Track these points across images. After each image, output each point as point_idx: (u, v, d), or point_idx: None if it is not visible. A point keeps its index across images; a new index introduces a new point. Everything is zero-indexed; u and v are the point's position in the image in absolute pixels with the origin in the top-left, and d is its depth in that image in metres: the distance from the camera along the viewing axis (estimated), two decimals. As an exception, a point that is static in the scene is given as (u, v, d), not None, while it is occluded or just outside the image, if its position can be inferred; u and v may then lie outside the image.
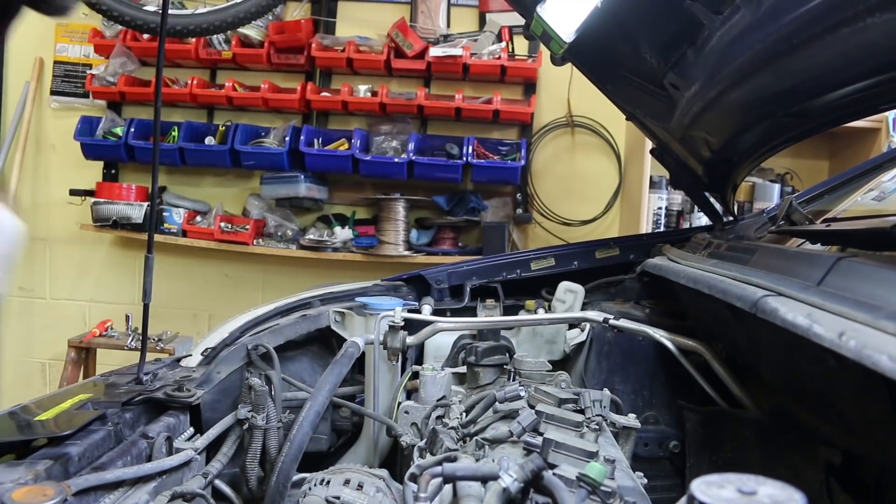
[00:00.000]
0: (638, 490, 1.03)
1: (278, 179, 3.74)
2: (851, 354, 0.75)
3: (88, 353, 3.59)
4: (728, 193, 2.05)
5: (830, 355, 0.85)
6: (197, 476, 1.24)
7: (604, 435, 1.20)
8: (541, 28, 1.58)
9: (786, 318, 0.93)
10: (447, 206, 3.73)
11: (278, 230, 3.81)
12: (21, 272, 4.13)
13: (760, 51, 1.19)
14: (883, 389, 0.87)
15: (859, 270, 0.97)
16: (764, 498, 0.48)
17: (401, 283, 2.11)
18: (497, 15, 3.71)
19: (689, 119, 1.59)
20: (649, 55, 1.54)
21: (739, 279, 1.21)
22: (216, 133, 3.76)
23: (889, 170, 1.74)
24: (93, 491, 0.96)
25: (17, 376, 4.15)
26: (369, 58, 3.67)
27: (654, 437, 1.72)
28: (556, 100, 3.88)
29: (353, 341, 1.64)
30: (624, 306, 1.89)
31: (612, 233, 3.86)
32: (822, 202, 1.83)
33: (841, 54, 1.11)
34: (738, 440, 1.54)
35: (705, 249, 1.71)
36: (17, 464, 0.93)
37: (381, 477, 1.27)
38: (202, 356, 1.59)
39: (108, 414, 1.15)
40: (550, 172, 3.94)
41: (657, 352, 1.70)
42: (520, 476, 0.79)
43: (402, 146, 3.68)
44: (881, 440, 1.04)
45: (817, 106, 1.41)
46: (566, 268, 2.10)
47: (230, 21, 2.70)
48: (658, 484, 1.60)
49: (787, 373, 1.32)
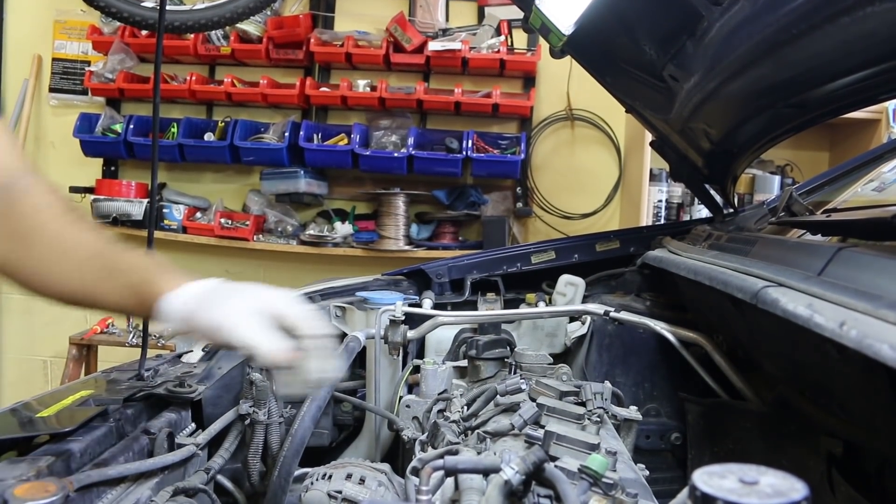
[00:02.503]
0: (640, 482, 1.03)
1: (278, 175, 3.74)
2: (852, 344, 0.75)
3: (90, 350, 3.59)
4: (728, 185, 2.04)
5: (831, 345, 0.85)
6: (199, 471, 1.25)
7: (605, 427, 1.20)
8: (539, 21, 1.58)
9: (786, 309, 0.93)
10: (447, 200, 3.73)
11: (278, 226, 3.80)
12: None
13: (760, 41, 1.18)
14: (884, 379, 0.87)
15: (860, 260, 0.97)
16: (766, 488, 0.48)
17: (401, 278, 2.10)
18: (496, 8, 3.71)
19: (689, 111, 1.58)
20: (648, 47, 1.54)
21: (740, 270, 1.21)
22: (215, 129, 3.75)
23: (889, 160, 1.74)
24: (95, 487, 0.96)
25: (19, 374, 4.16)
26: (368, 52, 3.67)
27: (656, 430, 1.73)
28: (555, 93, 3.87)
29: (354, 336, 1.64)
30: (625, 299, 1.89)
31: (613, 226, 3.86)
32: (823, 193, 1.83)
33: (841, 44, 1.10)
34: (740, 432, 1.54)
35: (706, 241, 1.70)
36: (19, 460, 0.93)
37: (382, 471, 1.27)
38: (203, 352, 1.59)
39: (110, 410, 1.15)
40: (550, 166, 3.94)
41: (658, 344, 1.70)
42: (521, 468, 0.79)
43: (401, 141, 3.67)
44: (883, 430, 1.04)
45: (817, 96, 1.41)
46: (566, 261, 2.09)
47: (228, 17, 2.70)
48: (660, 476, 1.60)
49: (788, 364, 1.32)
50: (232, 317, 0.94)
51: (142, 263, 1.02)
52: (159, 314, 0.96)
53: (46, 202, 1.04)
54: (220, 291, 0.97)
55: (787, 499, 0.47)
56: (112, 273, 1.00)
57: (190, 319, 0.95)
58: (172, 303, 0.96)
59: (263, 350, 0.93)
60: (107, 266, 1.00)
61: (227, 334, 0.93)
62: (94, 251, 1.01)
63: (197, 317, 0.95)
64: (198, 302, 0.95)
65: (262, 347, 0.93)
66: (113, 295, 1.00)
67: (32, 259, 1.00)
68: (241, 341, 0.93)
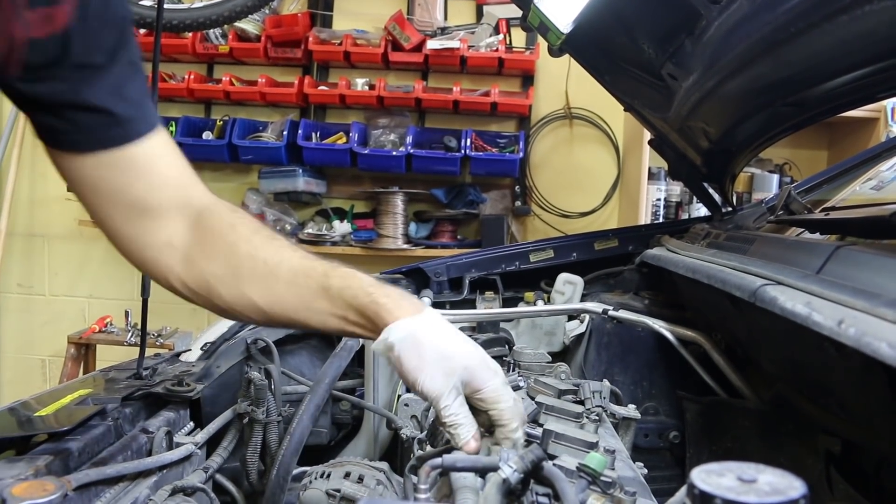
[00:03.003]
0: (638, 480, 1.04)
1: (276, 174, 3.74)
2: (851, 342, 0.75)
3: (88, 349, 3.59)
4: (727, 184, 2.04)
5: (830, 343, 0.85)
6: (197, 470, 1.24)
7: (604, 426, 1.20)
8: (538, 19, 1.58)
9: (785, 307, 0.93)
10: (446, 198, 3.73)
11: (277, 224, 3.80)
12: (20, 269, 4.13)
13: (758, 40, 1.18)
14: (882, 377, 0.87)
15: (858, 259, 0.97)
16: (764, 486, 0.48)
17: (400, 277, 2.10)
18: (494, 7, 3.71)
19: (688, 109, 1.58)
20: (647, 45, 1.54)
21: (738, 269, 1.21)
22: (214, 128, 3.75)
23: (887, 159, 1.74)
24: (93, 486, 0.96)
25: (17, 373, 4.16)
26: (366, 51, 3.66)
27: (654, 428, 1.73)
28: (553, 92, 3.87)
29: (353, 335, 1.64)
30: (623, 297, 1.89)
31: (611, 224, 3.86)
32: (821, 192, 1.83)
33: (839, 43, 1.10)
34: (738, 430, 1.54)
35: (704, 240, 1.71)
36: (17, 459, 0.93)
37: (381, 469, 1.27)
38: (202, 351, 1.59)
39: (108, 409, 1.15)
40: (549, 164, 3.94)
41: (657, 342, 1.70)
42: (520, 467, 0.79)
43: (400, 139, 3.67)
44: (881, 429, 1.04)
45: (815, 95, 1.41)
46: (565, 259, 2.09)
47: (227, 15, 2.70)
48: (658, 474, 1.60)
49: (786, 362, 1.32)
50: (433, 383, 0.90)
51: (356, 283, 0.98)
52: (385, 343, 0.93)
53: (240, 221, 1.03)
54: (421, 341, 0.92)
55: (786, 497, 0.47)
56: (328, 292, 0.97)
57: (395, 362, 0.92)
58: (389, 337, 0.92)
59: (462, 434, 0.91)
60: (320, 284, 0.97)
61: (426, 395, 0.91)
62: (301, 269, 0.99)
63: (401, 364, 0.92)
64: (401, 348, 0.92)
65: (462, 432, 0.91)
66: (331, 317, 0.97)
67: (240, 279, 0.99)
68: (441, 412, 0.91)
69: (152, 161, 0.99)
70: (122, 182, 0.97)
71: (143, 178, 0.98)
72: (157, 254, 1.00)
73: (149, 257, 1.01)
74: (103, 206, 0.98)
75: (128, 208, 0.98)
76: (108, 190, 0.97)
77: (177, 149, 1.03)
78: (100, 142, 0.94)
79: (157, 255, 1.00)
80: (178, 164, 1.02)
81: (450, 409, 0.90)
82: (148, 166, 0.98)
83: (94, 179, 0.96)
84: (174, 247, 1.00)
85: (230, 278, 0.99)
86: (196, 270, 1.00)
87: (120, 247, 1.01)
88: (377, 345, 0.94)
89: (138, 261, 1.02)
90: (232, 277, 0.99)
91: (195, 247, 1.00)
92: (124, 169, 0.96)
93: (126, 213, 0.98)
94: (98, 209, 0.99)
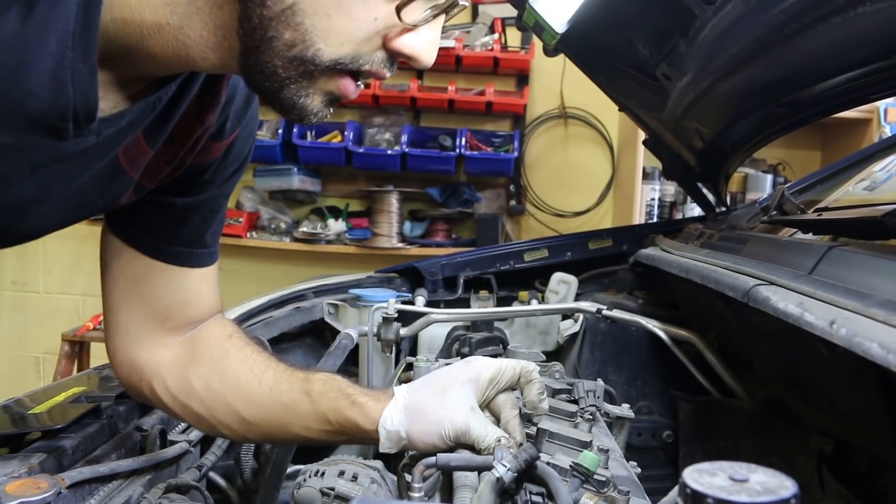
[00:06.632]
0: (631, 479, 1.04)
1: (271, 172, 3.73)
2: (842, 342, 0.76)
3: (82, 346, 3.58)
4: (720, 184, 2.05)
5: (822, 343, 0.86)
6: (191, 468, 1.24)
7: (597, 425, 1.20)
8: (533, 19, 1.58)
9: (777, 307, 0.94)
10: (440, 197, 3.73)
11: (272, 223, 3.80)
12: (14, 266, 4.11)
13: (752, 41, 1.19)
14: (873, 377, 0.88)
15: (850, 259, 0.98)
16: (755, 485, 0.48)
17: (394, 275, 2.11)
18: (489, 6, 3.70)
19: (682, 110, 1.59)
20: (642, 46, 1.54)
21: (732, 269, 1.22)
22: (209, 126, 3.73)
23: (880, 160, 1.75)
24: (87, 483, 0.95)
25: (11, 370, 4.14)
26: (362, 49, 3.65)
27: (648, 427, 1.73)
28: (548, 91, 3.87)
29: (347, 333, 1.64)
30: (617, 297, 1.90)
31: (606, 224, 3.86)
32: (814, 192, 1.84)
33: (832, 44, 1.11)
34: (731, 429, 1.55)
35: (698, 240, 1.71)
36: (10, 457, 0.92)
37: (375, 468, 1.27)
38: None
39: (102, 407, 1.14)
40: (543, 164, 3.94)
41: (650, 342, 1.71)
42: (513, 466, 0.79)
43: (395, 138, 3.66)
44: (872, 428, 1.05)
45: (809, 96, 1.42)
46: (559, 259, 2.10)
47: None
48: (652, 473, 1.61)
49: (779, 362, 1.33)
50: (454, 421, 0.91)
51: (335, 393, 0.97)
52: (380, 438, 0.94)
53: (235, 331, 1.07)
54: (416, 408, 0.93)
55: (777, 496, 0.47)
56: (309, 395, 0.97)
57: (407, 439, 0.93)
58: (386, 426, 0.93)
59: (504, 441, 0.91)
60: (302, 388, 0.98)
61: (461, 436, 0.91)
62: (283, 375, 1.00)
63: (411, 438, 0.93)
64: (406, 421, 0.93)
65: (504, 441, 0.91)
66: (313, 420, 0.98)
67: (225, 384, 1.01)
68: (478, 444, 0.91)
69: (199, 286, 1.02)
70: (165, 292, 1.00)
71: (184, 295, 1.01)
72: (149, 355, 1.02)
73: (138, 358, 1.03)
74: (131, 297, 1.00)
75: (153, 312, 1.01)
76: (146, 289, 0.99)
77: (217, 272, 1.06)
78: (176, 257, 0.97)
79: (148, 356, 1.03)
80: (215, 291, 1.06)
81: (478, 432, 0.91)
82: (195, 290, 1.02)
83: (140, 275, 0.98)
84: (171, 351, 1.03)
85: (216, 383, 1.01)
86: (181, 373, 1.02)
87: (114, 335, 1.04)
88: (384, 444, 0.94)
89: (126, 357, 1.04)
90: (218, 384, 1.01)
91: (188, 352, 1.03)
92: (176, 283, 1.00)
93: (148, 313, 1.01)
94: (122, 297, 1.00)
